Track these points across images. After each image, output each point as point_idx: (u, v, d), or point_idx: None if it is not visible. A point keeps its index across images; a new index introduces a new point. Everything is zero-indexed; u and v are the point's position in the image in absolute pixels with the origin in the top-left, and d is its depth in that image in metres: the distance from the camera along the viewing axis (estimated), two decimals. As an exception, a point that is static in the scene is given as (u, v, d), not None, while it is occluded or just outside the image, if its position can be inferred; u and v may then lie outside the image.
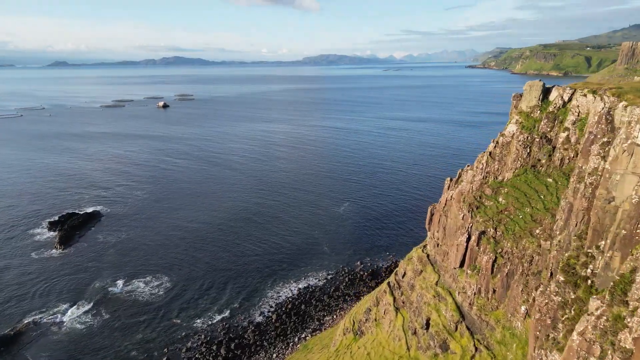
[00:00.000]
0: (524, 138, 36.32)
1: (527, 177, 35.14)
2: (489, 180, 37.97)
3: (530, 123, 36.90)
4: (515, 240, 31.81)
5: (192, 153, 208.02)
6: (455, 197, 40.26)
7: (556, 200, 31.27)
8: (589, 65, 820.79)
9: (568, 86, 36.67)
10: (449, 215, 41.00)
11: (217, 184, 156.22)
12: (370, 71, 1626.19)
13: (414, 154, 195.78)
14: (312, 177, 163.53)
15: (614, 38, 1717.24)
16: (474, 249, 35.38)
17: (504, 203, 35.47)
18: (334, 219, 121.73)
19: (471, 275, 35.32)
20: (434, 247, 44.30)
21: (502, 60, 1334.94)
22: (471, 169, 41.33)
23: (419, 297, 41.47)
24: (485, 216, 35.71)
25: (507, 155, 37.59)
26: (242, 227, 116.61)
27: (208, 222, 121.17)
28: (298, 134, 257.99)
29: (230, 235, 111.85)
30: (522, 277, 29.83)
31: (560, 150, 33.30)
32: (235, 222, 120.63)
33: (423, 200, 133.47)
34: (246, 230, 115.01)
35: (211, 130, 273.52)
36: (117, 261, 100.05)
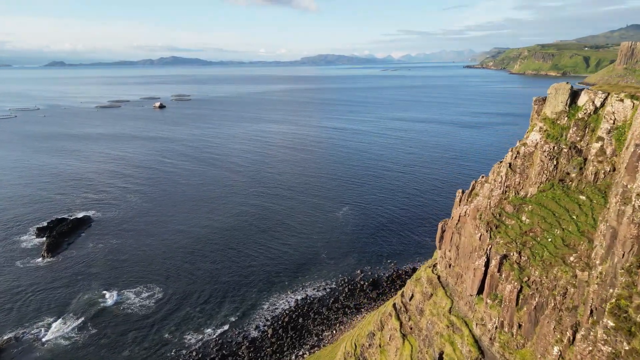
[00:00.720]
0: (549, 148, 32.23)
1: (554, 194, 30.97)
2: (510, 195, 33.76)
3: (556, 131, 32.81)
4: (544, 268, 27.74)
5: (188, 154, 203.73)
6: (470, 214, 36.13)
7: (592, 223, 27.29)
8: (587, 66, 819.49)
9: (599, 89, 32.70)
10: (463, 234, 36.88)
11: (213, 187, 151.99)
12: (369, 71, 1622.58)
13: (415, 156, 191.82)
14: (311, 179, 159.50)
15: (612, 38, 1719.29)
16: (494, 276, 31.25)
17: (528, 223, 31.31)
18: (333, 224, 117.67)
19: (492, 306, 31.19)
20: (445, 268, 40.15)
21: (500, 61, 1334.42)
22: (487, 181, 37.23)
23: (429, 324, 37.33)
24: (506, 237, 31.57)
25: (529, 167, 33.42)
26: (237, 233, 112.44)
27: (202, 227, 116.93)
28: (296, 135, 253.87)
29: (225, 242, 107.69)
30: (554, 312, 25.85)
31: (593, 163, 29.27)
32: (231, 227, 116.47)
33: (425, 205, 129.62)
34: (241, 236, 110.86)
35: (208, 131, 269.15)
36: (106, 270, 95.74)
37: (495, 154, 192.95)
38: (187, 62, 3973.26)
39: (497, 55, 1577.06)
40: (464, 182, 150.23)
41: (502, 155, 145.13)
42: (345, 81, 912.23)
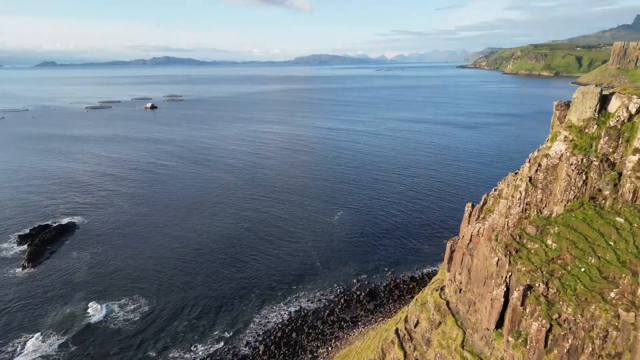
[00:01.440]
0: (577, 161, 28.41)
1: (585, 214, 27.14)
2: (531, 214, 29.88)
3: (584, 141, 28.99)
4: (578, 305, 23.96)
5: (180, 156, 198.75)
6: (485, 234, 32.34)
7: (635, 251, 23.57)
8: (579, 65, 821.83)
9: (633, 93, 28.98)
10: (476, 256, 33.05)
11: (205, 191, 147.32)
12: (362, 71, 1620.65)
13: (412, 157, 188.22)
14: (305, 181, 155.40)
15: (603, 38, 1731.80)
16: (517, 310, 27.44)
17: (555, 248, 27.38)
18: (328, 229, 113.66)
19: (514, 345, 27.39)
20: (455, 293, 36.25)
21: (493, 60, 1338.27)
22: (501, 194, 33.41)
23: (438, 357, 33.52)
24: (529, 264, 27.69)
25: (553, 182, 29.55)
26: (229, 240, 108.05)
27: (193, 234, 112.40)
28: (290, 136, 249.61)
29: (216, 249, 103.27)
30: (593, 357, 22.24)
31: (630, 179, 25.53)
32: (222, 233, 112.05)
33: (422, 209, 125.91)
34: (233, 243, 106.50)
35: (200, 132, 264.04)
36: (90, 281, 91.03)
37: (494, 155, 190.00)
38: (180, 62, 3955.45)
39: (490, 55, 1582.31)
40: (462, 185, 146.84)
41: (500, 156, 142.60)
42: (339, 81, 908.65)
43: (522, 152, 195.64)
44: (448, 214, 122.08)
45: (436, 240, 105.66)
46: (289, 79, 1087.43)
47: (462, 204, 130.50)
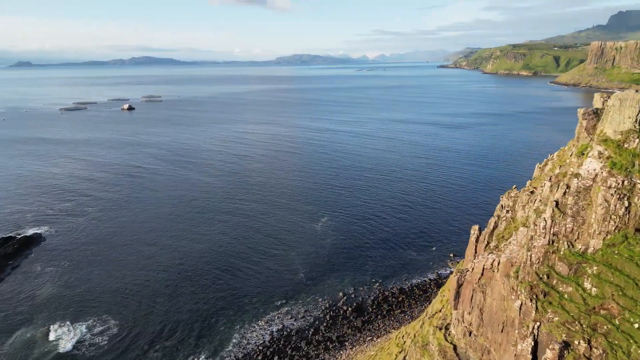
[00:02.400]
0: (617, 183, 23.64)
1: (632, 251, 22.39)
2: (560, 247, 25.04)
3: (625, 159, 24.20)
4: (635, 373, 19.42)
5: (158, 160, 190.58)
6: (501, 269, 27.36)
7: None
8: (557, 65, 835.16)
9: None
10: (490, 294, 28.10)
11: (183, 198, 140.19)
12: (344, 71, 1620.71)
13: (397, 159, 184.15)
14: (287, 184, 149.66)
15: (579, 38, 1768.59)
16: (551, 372, 22.81)
17: (596, 294, 22.49)
18: (312, 237, 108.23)
19: (548, 417, 22.76)
20: (464, 336, 31.27)
21: (473, 60, 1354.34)
22: (515, 218, 28.58)
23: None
24: (563, 314, 22.78)
25: (587, 208, 24.66)
26: (206, 251, 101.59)
27: (168, 245, 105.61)
28: (273, 137, 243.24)
29: (192, 261, 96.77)
30: None
31: (687, 208, 21.22)
32: (199, 244, 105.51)
33: (409, 214, 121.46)
34: (211, 254, 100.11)
35: (179, 134, 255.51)
36: (55, 300, 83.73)
37: (482, 156, 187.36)
38: (160, 62, 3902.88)
39: (469, 55, 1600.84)
40: (450, 188, 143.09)
41: (488, 158, 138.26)
42: (322, 81, 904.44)
43: (509, 152, 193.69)
44: (436, 219, 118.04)
45: (424, 247, 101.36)
46: (271, 79, 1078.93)
47: (450, 208, 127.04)
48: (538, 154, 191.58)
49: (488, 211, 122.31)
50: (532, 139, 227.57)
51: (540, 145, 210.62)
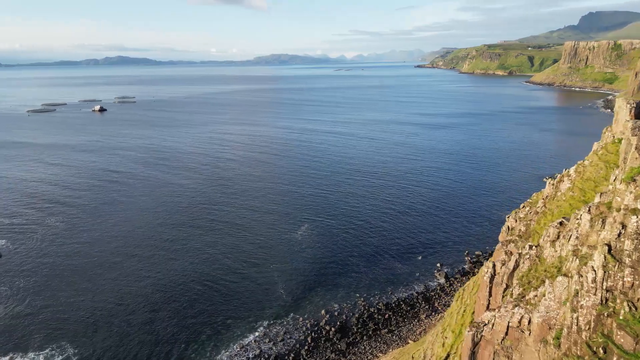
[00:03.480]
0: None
1: None
2: (619, 309, 19.59)
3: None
4: None
5: (128, 164, 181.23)
6: (536, 332, 21.96)
7: None
8: (531, 65, 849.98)
9: None
10: None
11: (155, 205, 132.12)
12: (323, 71, 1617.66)
13: (379, 160, 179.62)
14: (265, 189, 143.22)
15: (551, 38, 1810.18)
16: None
17: None
18: (292, 247, 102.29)
19: None
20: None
21: (450, 60, 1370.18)
22: (541, 256, 23.39)
23: None
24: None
25: (650, 257, 19.72)
26: (177, 266, 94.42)
27: (137, 258, 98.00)
28: (252, 138, 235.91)
29: (164, 276, 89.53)
30: None
31: None
32: (169, 258, 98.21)
33: (393, 220, 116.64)
34: (184, 268, 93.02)
35: (153, 137, 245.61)
36: (8, 326, 75.50)
37: (467, 157, 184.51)
38: (135, 62, 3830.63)
39: (446, 55, 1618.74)
40: (436, 191, 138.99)
41: (475, 158, 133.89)
42: (301, 81, 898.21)
43: (493, 153, 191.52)
44: (420, 225, 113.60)
45: (409, 257, 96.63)
46: (249, 78, 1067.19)
47: (434, 213, 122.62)
48: (522, 154, 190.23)
49: (473, 217, 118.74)
50: (514, 139, 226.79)
51: (524, 145, 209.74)
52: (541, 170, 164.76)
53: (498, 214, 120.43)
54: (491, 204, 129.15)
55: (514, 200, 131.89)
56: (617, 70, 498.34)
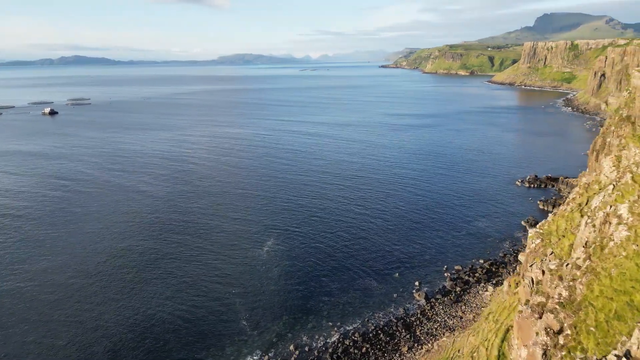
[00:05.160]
0: None
1: None
2: None
3: None
4: None
5: (81, 173, 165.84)
6: None
7: None
8: (492, 65, 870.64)
9: None
10: None
11: (109, 218, 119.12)
12: (288, 71, 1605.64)
13: (350, 165, 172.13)
14: (227, 199, 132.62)
15: (509, 39, 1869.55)
16: None
17: None
18: (256, 267, 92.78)
19: None
20: None
21: (413, 60, 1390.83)
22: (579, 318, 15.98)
23: None
24: None
25: None
26: (124, 289, 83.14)
27: (85, 278, 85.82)
28: (214, 142, 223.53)
29: (110, 301, 78.10)
30: None
31: None
32: (121, 279, 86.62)
33: (369, 231, 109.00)
34: (128, 294, 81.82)
35: (108, 142, 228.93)
36: None
37: (440, 159, 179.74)
38: (92, 62, 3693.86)
39: (409, 55, 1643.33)
40: (409, 198, 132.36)
41: (449, 160, 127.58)
42: (266, 81, 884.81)
43: (465, 155, 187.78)
44: (396, 236, 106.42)
45: (386, 274, 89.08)
46: (213, 79, 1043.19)
47: (408, 222, 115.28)
48: (491, 156, 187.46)
49: (448, 226, 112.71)
50: (483, 140, 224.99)
51: (492, 146, 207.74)
52: (512, 173, 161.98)
53: (472, 222, 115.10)
54: (465, 211, 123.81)
55: (488, 206, 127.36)
56: (574, 70, 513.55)
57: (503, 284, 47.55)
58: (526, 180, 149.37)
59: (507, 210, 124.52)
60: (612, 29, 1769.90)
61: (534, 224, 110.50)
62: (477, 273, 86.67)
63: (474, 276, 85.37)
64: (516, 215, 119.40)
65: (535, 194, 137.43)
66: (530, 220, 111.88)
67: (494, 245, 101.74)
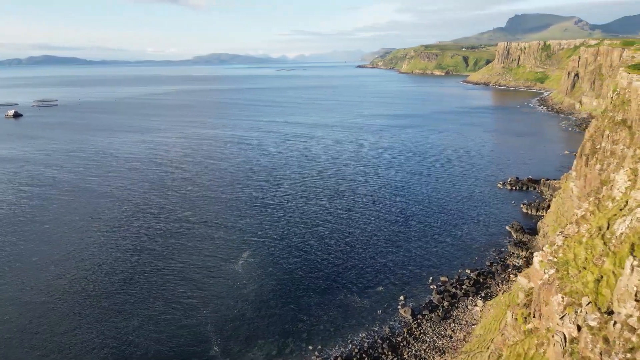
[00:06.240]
0: None
1: None
2: None
3: None
4: None
5: (46, 178, 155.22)
6: None
7: None
8: (466, 65, 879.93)
9: None
10: None
11: (75, 228, 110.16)
12: (265, 71, 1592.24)
13: (329, 168, 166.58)
14: (203, 205, 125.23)
15: (482, 39, 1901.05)
16: None
17: None
18: (230, 283, 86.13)
19: None
20: None
21: (389, 60, 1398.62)
22: None
23: None
24: None
25: None
26: (91, 309, 75.44)
27: (42, 295, 77.63)
28: (188, 145, 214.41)
29: (66, 324, 70.42)
30: None
31: None
32: (87, 298, 78.80)
33: (351, 240, 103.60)
34: (96, 316, 74.19)
35: (76, 146, 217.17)
36: None
37: (421, 162, 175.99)
38: (63, 62, 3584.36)
39: (385, 55, 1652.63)
40: (391, 202, 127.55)
41: (430, 163, 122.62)
42: (243, 81, 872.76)
43: (445, 156, 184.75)
44: (379, 246, 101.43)
45: (369, 288, 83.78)
46: (188, 79, 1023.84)
47: (390, 229, 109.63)
48: (470, 157, 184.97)
49: (431, 232, 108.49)
50: (461, 141, 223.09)
51: (471, 147, 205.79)
52: (493, 175, 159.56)
53: (456, 229, 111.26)
54: (447, 216, 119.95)
55: (471, 211, 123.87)
56: (547, 70, 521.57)
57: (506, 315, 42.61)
58: (507, 183, 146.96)
59: (491, 214, 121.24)
60: (580, 29, 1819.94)
61: (518, 229, 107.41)
62: (464, 285, 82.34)
63: (462, 288, 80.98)
64: (500, 220, 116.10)
65: (518, 197, 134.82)
66: (515, 225, 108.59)
67: (480, 253, 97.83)
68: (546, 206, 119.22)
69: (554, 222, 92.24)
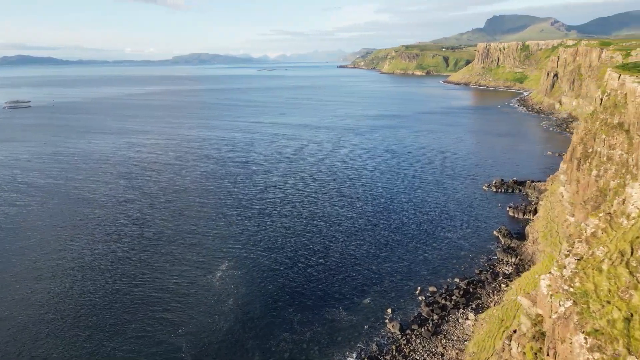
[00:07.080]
0: None
1: None
2: None
3: None
4: None
5: (18, 184, 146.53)
6: None
7: None
8: (447, 65, 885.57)
9: None
10: None
11: (47, 238, 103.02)
12: (246, 71, 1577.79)
13: (312, 172, 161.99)
14: (180, 212, 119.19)
15: (461, 40, 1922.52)
16: None
17: None
18: (207, 299, 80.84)
19: None
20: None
21: (370, 60, 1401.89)
22: None
23: None
24: None
25: None
26: (55, 327, 69.31)
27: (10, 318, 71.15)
28: (167, 147, 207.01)
29: (30, 342, 64.35)
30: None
31: None
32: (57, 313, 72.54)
33: (336, 248, 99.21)
34: (59, 335, 68.15)
35: (51, 150, 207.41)
36: None
37: (407, 164, 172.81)
38: (38, 62, 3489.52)
39: (366, 55, 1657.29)
40: (377, 206, 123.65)
41: (417, 165, 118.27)
42: (223, 82, 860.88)
43: (431, 157, 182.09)
44: (361, 255, 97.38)
45: (355, 300, 79.58)
46: (168, 79, 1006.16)
47: (375, 235, 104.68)
48: (455, 159, 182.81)
49: (417, 238, 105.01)
50: (445, 141, 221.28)
51: (455, 148, 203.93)
52: (477, 176, 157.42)
53: (443, 234, 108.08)
54: (433, 221, 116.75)
55: (457, 215, 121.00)
56: (526, 70, 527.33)
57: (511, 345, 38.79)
58: (492, 185, 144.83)
59: (477, 218, 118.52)
60: (557, 30, 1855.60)
61: (506, 234, 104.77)
62: (454, 295, 78.84)
63: (451, 299, 77.46)
64: (487, 225, 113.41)
65: (504, 200, 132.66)
66: (502, 230, 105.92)
67: (468, 260, 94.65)
68: (533, 209, 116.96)
69: (544, 228, 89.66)
